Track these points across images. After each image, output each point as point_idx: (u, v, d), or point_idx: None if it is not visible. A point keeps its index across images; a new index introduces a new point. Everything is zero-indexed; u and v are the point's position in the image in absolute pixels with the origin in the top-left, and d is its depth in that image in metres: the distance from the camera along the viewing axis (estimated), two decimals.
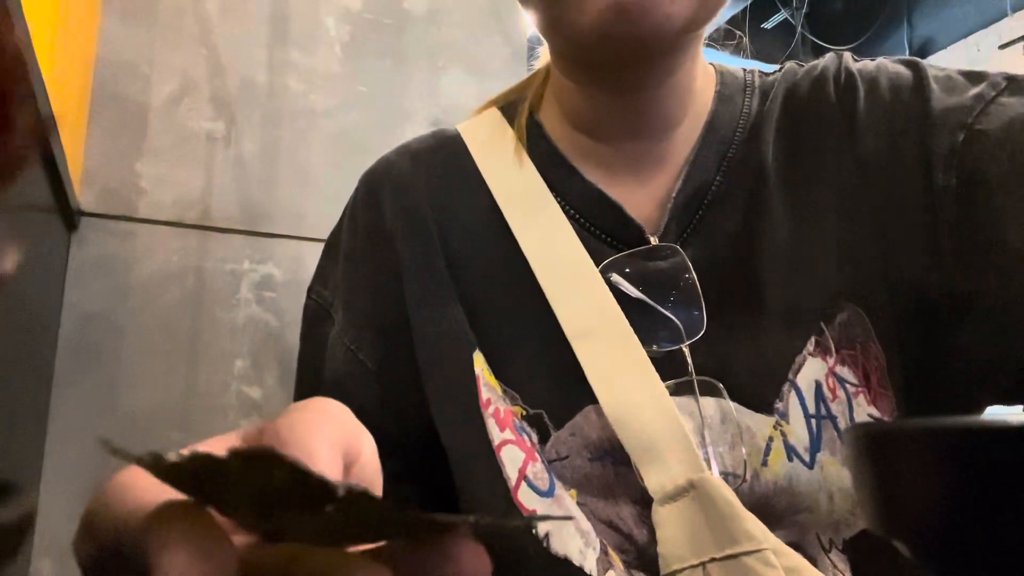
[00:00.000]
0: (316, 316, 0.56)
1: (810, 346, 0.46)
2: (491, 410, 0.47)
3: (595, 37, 0.43)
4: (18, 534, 1.09)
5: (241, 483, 0.18)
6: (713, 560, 0.40)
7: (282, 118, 1.55)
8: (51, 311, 1.30)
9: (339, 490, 0.17)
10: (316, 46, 1.60)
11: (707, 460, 0.44)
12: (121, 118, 1.43)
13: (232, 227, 1.49)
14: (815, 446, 0.44)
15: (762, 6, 4.05)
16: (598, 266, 0.48)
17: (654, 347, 0.46)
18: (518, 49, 1.80)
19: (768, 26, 4.26)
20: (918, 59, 0.51)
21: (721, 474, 0.43)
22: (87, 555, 0.24)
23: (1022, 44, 3.66)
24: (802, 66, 0.54)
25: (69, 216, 1.32)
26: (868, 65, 0.52)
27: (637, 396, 0.44)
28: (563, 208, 0.51)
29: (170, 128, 1.46)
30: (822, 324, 0.46)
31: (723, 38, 0.60)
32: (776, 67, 0.55)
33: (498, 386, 0.49)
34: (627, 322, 0.46)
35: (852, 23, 4.47)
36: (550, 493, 0.45)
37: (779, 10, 4.21)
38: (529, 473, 0.45)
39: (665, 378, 0.45)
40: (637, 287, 0.48)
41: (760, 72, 0.55)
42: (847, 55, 0.53)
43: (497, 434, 0.46)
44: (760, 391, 0.45)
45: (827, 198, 0.48)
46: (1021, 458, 0.17)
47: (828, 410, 0.45)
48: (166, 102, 1.47)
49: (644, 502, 0.44)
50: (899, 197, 0.46)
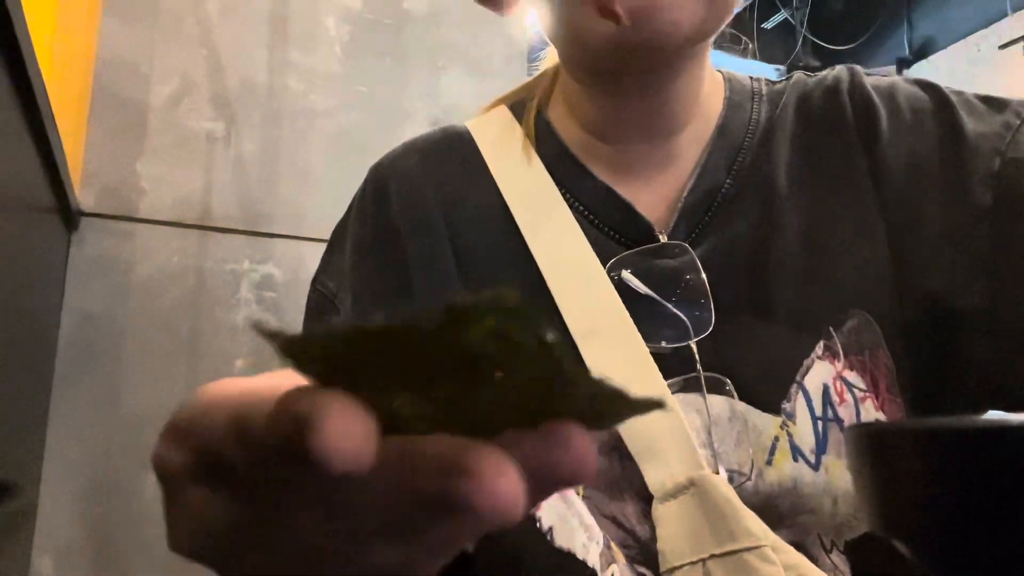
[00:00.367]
0: (321, 307, 0.55)
1: (818, 350, 0.46)
2: None
3: (605, 45, 0.43)
4: (18, 533, 1.09)
5: (411, 353, 0.17)
6: (712, 556, 0.41)
7: (282, 118, 1.55)
8: (51, 311, 1.30)
9: (549, 337, 0.17)
10: (316, 46, 1.60)
11: (713, 457, 0.44)
12: (121, 118, 1.43)
13: (232, 227, 1.49)
14: (821, 448, 0.44)
15: (762, 6, 4.05)
16: (607, 262, 0.48)
17: (662, 343, 0.46)
18: (518, 49, 1.80)
19: (768, 26, 4.27)
20: (934, 82, 0.52)
21: (726, 471, 0.44)
22: (176, 462, 0.23)
23: (1022, 44, 3.66)
24: (810, 75, 0.55)
25: (69, 216, 1.32)
26: (882, 82, 0.53)
27: (638, 393, 0.45)
28: (572, 205, 0.51)
29: (170, 128, 1.46)
30: (831, 329, 0.46)
31: (729, 42, 0.60)
32: (776, 69, 0.56)
33: None
34: (631, 321, 0.46)
35: (852, 23, 4.47)
36: None
37: (779, 10, 4.21)
38: None
39: (673, 374, 0.46)
40: (646, 284, 0.48)
41: (767, 80, 0.56)
42: (858, 69, 0.54)
43: None
44: (767, 391, 0.45)
45: (840, 208, 0.49)
46: (1021, 458, 0.17)
47: (835, 413, 0.45)
48: (166, 102, 1.47)
49: (647, 499, 0.44)
50: (920, 214, 0.47)
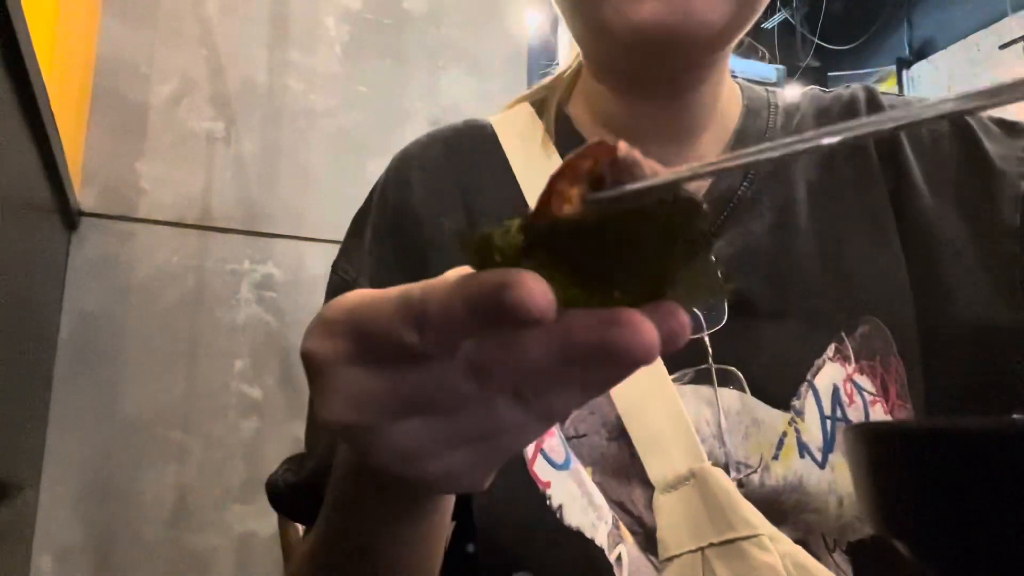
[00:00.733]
0: (339, 292, 0.56)
1: (829, 351, 0.47)
2: None
3: (634, 42, 0.44)
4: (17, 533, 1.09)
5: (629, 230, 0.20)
6: (711, 545, 0.42)
7: (282, 118, 1.55)
8: (51, 311, 1.30)
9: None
10: (316, 46, 1.60)
11: (722, 448, 0.45)
12: (121, 118, 1.43)
13: (232, 227, 1.49)
14: (828, 447, 0.45)
15: None
16: None
17: None
18: (518, 49, 1.80)
19: (768, 26, 4.27)
20: None
21: (734, 463, 0.45)
22: (330, 350, 0.24)
23: (1022, 44, 3.66)
24: (825, 91, 0.57)
25: (69, 216, 1.32)
26: (897, 103, 0.55)
27: (643, 386, 0.46)
28: None
29: (170, 128, 1.46)
30: (842, 333, 0.47)
31: (746, 50, 0.62)
32: (776, 69, 0.57)
33: None
34: None
35: (852, 23, 4.47)
36: (566, 466, 0.46)
37: (779, 10, 4.22)
38: (546, 447, 0.46)
39: (685, 365, 0.46)
40: None
41: (779, 92, 0.58)
42: (874, 88, 0.56)
43: None
44: (778, 386, 0.46)
45: (856, 220, 0.50)
46: (1021, 458, 0.17)
47: (844, 414, 0.46)
48: (166, 102, 1.47)
49: (652, 486, 0.45)
50: (948, 235, 0.48)
